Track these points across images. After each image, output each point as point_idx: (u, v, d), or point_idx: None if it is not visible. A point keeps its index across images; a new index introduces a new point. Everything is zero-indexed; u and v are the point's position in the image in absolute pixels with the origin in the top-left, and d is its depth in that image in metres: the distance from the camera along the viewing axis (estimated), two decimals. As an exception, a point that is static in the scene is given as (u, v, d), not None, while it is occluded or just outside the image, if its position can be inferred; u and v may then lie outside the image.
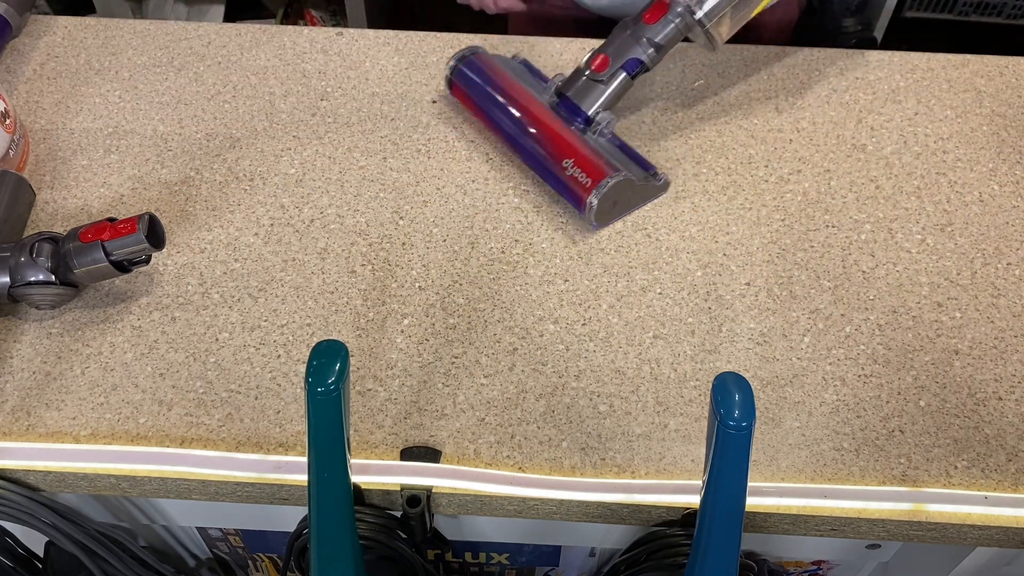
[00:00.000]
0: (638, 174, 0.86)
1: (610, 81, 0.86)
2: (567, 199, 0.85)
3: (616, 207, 0.84)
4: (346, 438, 0.57)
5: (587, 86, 0.86)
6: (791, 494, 0.69)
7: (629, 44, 0.85)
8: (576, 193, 0.82)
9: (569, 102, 0.87)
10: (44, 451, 0.70)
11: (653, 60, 0.86)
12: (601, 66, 0.86)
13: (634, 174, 0.85)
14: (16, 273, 0.74)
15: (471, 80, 0.91)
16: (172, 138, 0.92)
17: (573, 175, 0.82)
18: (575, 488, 0.69)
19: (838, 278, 0.82)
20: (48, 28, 1.02)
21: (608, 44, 0.87)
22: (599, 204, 0.81)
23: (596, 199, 0.81)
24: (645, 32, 0.85)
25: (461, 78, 0.92)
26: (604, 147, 0.87)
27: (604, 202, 0.81)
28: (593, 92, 0.86)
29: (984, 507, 0.68)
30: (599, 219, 0.83)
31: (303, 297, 0.79)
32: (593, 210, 0.81)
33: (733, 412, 0.52)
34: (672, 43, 0.85)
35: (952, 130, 0.94)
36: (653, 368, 0.76)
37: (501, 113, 0.89)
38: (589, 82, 0.86)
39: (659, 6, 0.84)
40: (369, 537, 0.70)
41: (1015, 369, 0.76)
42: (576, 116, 0.87)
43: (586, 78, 0.86)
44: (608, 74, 0.85)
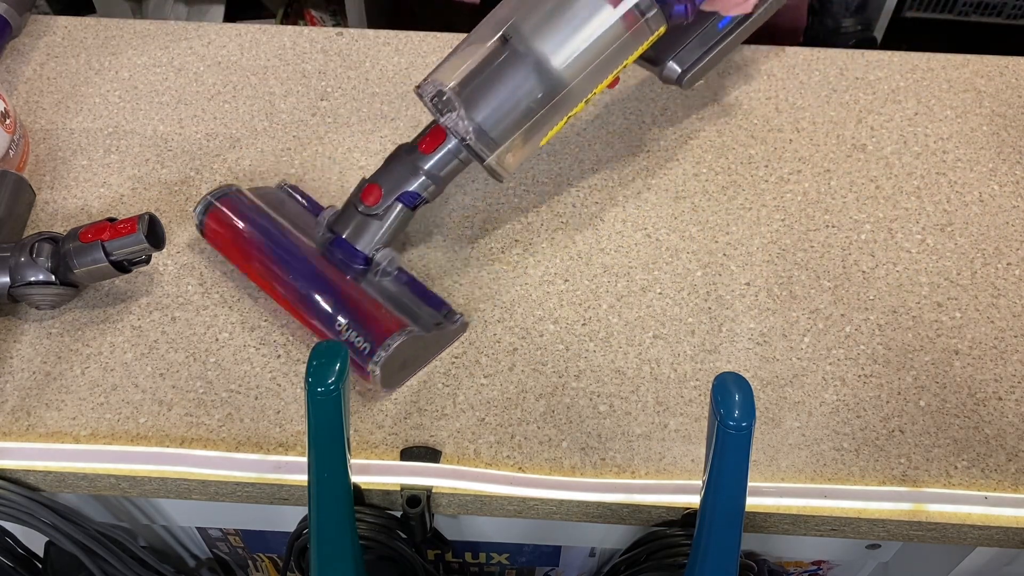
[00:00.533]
0: (429, 322, 0.74)
1: (386, 216, 0.73)
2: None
3: (408, 364, 0.73)
4: (346, 438, 0.57)
5: (362, 223, 0.74)
6: (791, 494, 0.69)
7: (404, 176, 0.73)
8: (355, 362, 0.70)
9: (343, 241, 0.74)
10: (44, 451, 0.70)
11: (433, 193, 0.74)
12: (371, 199, 0.73)
13: (425, 324, 0.73)
14: (16, 273, 0.74)
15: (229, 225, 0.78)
16: (172, 138, 0.92)
17: (348, 340, 0.70)
18: (575, 488, 0.69)
19: (838, 278, 0.82)
20: (48, 28, 1.02)
21: (380, 173, 0.74)
22: (382, 372, 0.69)
23: (378, 368, 0.69)
24: (421, 162, 0.72)
25: (217, 221, 0.78)
26: (388, 291, 0.75)
27: (388, 367, 0.70)
28: (366, 230, 0.74)
29: (984, 507, 0.68)
30: (386, 384, 0.72)
31: (303, 297, 0.79)
32: (378, 378, 0.69)
33: (733, 412, 0.52)
34: (453, 174, 0.74)
35: (952, 130, 0.94)
36: (653, 368, 0.76)
37: (262, 266, 0.76)
38: (363, 218, 0.73)
39: (436, 134, 0.72)
40: (369, 537, 0.70)
41: (1015, 369, 0.76)
42: (354, 258, 0.74)
43: (360, 214, 0.73)
44: (383, 208, 0.73)
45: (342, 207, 0.76)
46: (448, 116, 0.71)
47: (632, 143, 0.92)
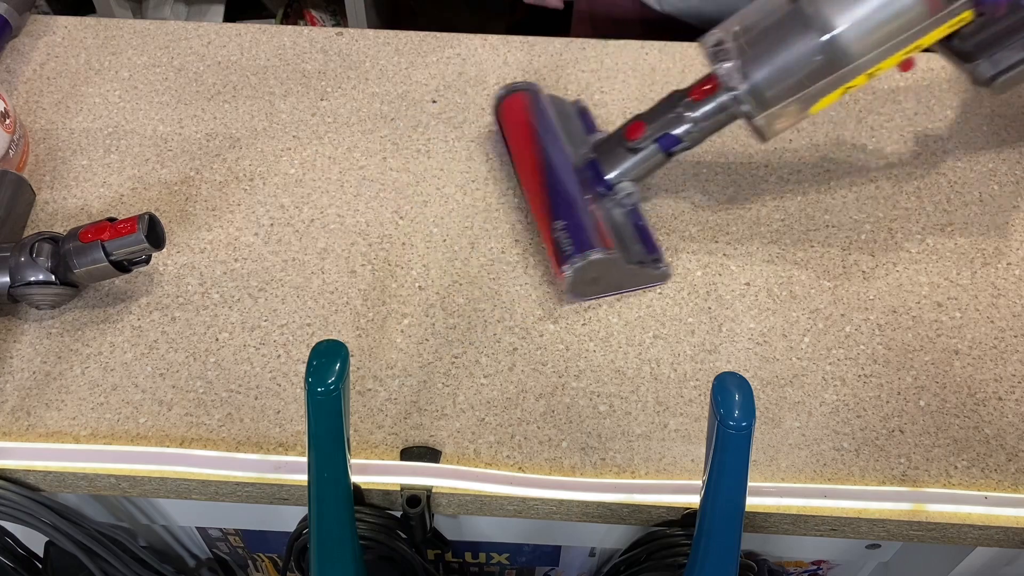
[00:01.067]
0: (635, 256, 0.79)
1: (641, 152, 0.78)
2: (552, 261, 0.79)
3: (599, 283, 0.78)
4: (346, 438, 0.57)
5: (616, 152, 0.80)
6: (791, 494, 0.69)
7: (669, 119, 0.77)
8: (555, 259, 0.76)
9: (596, 164, 0.81)
10: (44, 451, 0.70)
11: (693, 140, 0.77)
12: (633, 134, 0.78)
13: (630, 256, 0.78)
14: (16, 273, 0.74)
15: (509, 117, 0.87)
16: (172, 138, 0.92)
17: (558, 239, 0.76)
18: (575, 488, 0.69)
19: (838, 278, 0.82)
20: (48, 28, 1.02)
21: (649, 112, 0.79)
22: (574, 276, 0.75)
23: (571, 270, 0.74)
24: (688, 109, 0.76)
25: (503, 112, 0.88)
26: (615, 219, 0.80)
27: (580, 275, 0.75)
28: (618, 159, 0.79)
29: (984, 507, 0.68)
30: (573, 290, 0.77)
31: (303, 297, 0.79)
32: (568, 280, 0.75)
33: (733, 412, 0.52)
34: (717, 126, 0.77)
35: (952, 130, 0.94)
36: (653, 368, 0.76)
37: (521, 157, 0.84)
38: (619, 148, 0.79)
39: (708, 83, 0.75)
40: (369, 537, 0.70)
41: (1015, 369, 0.76)
42: (599, 181, 0.80)
43: (619, 145, 0.79)
44: (640, 144, 0.78)
45: (608, 135, 0.82)
46: (723, 66, 0.72)
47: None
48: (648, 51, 1.01)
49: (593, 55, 1.01)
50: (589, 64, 1.00)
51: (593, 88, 0.97)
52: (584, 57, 1.00)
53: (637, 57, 1.00)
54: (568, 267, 0.74)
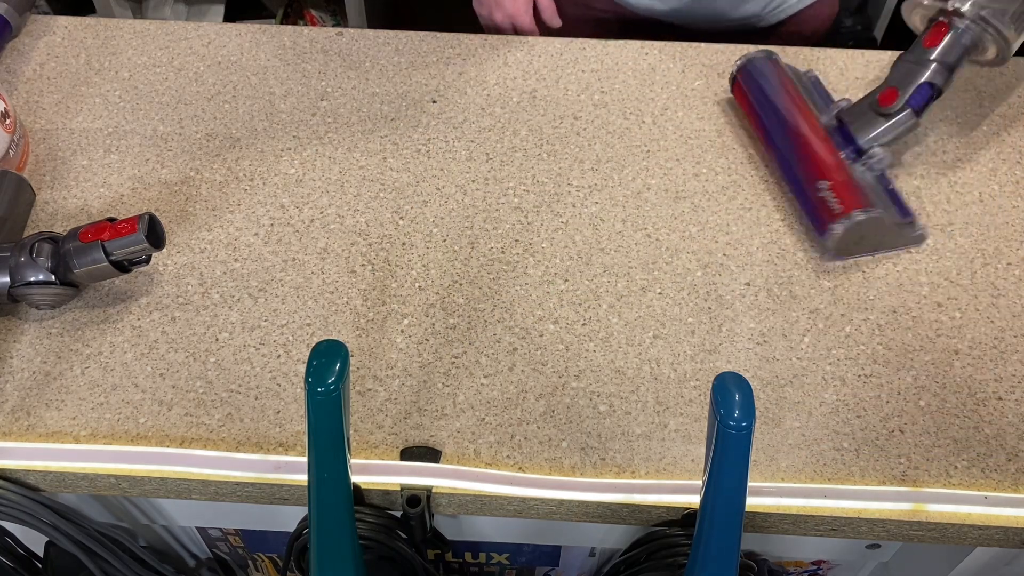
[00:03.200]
0: (893, 218, 0.83)
1: (893, 117, 0.83)
2: (811, 221, 0.83)
3: (861, 243, 0.81)
4: (346, 438, 0.57)
5: (867, 118, 0.84)
6: (791, 494, 0.69)
7: (915, 72, 0.83)
8: (822, 217, 0.81)
9: (846, 129, 0.85)
10: (44, 451, 0.70)
11: (945, 81, 0.83)
12: (887, 100, 0.83)
13: (888, 216, 0.82)
14: (16, 273, 0.74)
15: (755, 83, 0.91)
16: (172, 138, 0.92)
17: (824, 198, 0.80)
18: (575, 488, 0.69)
19: (838, 278, 0.82)
20: (48, 28, 1.02)
21: (893, 77, 0.84)
22: (843, 235, 0.79)
23: (841, 228, 0.79)
24: (929, 55, 0.82)
25: (746, 79, 0.92)
26: (868, 182, 0.83)
27: (849, 234, 0.79)
28: (871, 124, 0.84)
29: (984, 507, 0.68)
30: (839, 249, 0.81)
31: (303, 297, 0.79)
32: (835, 238, 0.79)
33: (733, 412, 0.52)
34: (960, 60, 0.83)
35: (952, 130, 0.94)
36: (653, 368, 0.76)
37: (774, 121, 0.88)
38: (871, 114, 0.84)
39: (938, 28, 0.82)
40: (369, 537, 0.70)
41: (1015, 369, 0.76)
42: (849, 144, 0.84)
43: (869, 109, 0.84)
44: (894, 109, 0.83)
45: (856, 102, 0.86)
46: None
47: (632, 143, 0.92)
48: (648, 51, 1.01)
49: (593, 55, 1.01)
50: (589, 64, 1.00)
51: (593, 88, 0.97)
52: (584, 57, 1.00)
53: (637, 57, 1.01)
54: (839, 225, 0.78)
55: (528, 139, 0.92)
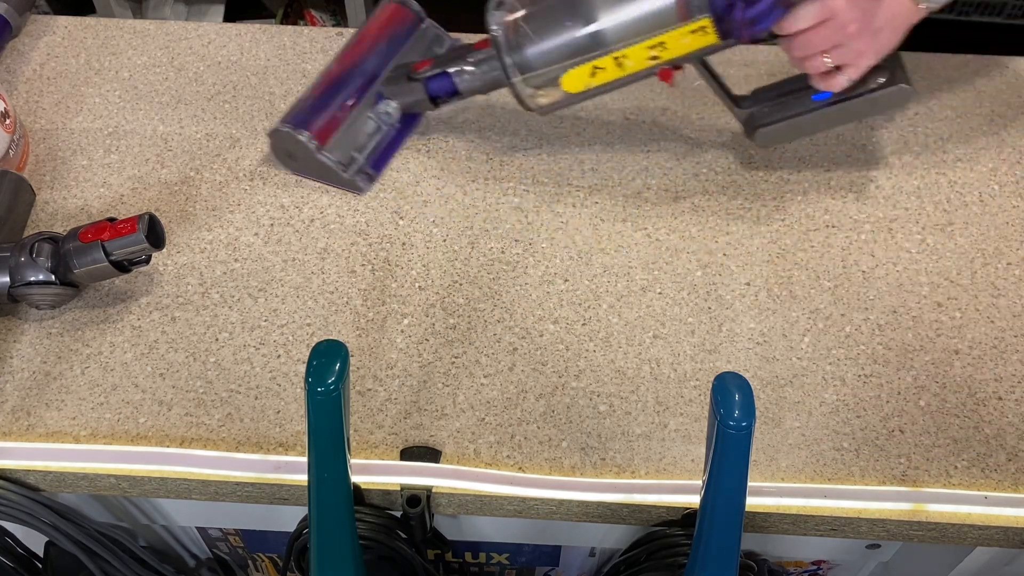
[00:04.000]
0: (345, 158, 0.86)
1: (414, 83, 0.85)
2: None
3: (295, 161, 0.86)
4: (346, 438, 0.57)
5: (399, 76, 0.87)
6: (791, 494, 0.69)
7: (452, 61, 0.83)
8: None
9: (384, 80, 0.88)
10: (44, 451, 0.70)
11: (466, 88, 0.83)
12: (419, 66, 0.85)
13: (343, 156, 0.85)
14: (16, 273, 0.74)
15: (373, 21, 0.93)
16: (172, 138, 0.92)
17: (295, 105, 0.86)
18: (575, 488, 0.69)
19: (838, 278, 0.82)
20: (48, 28, 1.02)
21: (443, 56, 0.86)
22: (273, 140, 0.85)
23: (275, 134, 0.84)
24: (470, 56, 0.82)
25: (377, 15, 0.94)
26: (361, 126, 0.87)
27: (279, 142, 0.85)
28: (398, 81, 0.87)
29: (984, 507, 0.68)
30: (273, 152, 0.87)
31: (303, 297, 0.79)
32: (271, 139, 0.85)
33: (733, 412, 0.52)
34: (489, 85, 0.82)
35: (952, 130, 0.94)
36: (653, 368, 0.76)
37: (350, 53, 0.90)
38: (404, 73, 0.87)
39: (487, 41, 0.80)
40: (369, 537, 0.70)
41: (1015, 369, 0.76)
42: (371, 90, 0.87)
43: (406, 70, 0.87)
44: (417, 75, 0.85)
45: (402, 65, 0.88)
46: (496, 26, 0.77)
47: (632, 143, 0.92)
48: (648, 51, 1.01)
49: (593, 55, 1.01)
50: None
51: (593, 88, 0.97)
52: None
53: (637, 57, 1.00)
54: (274, 129, 0.84)
55: (528, 139, 0.92)
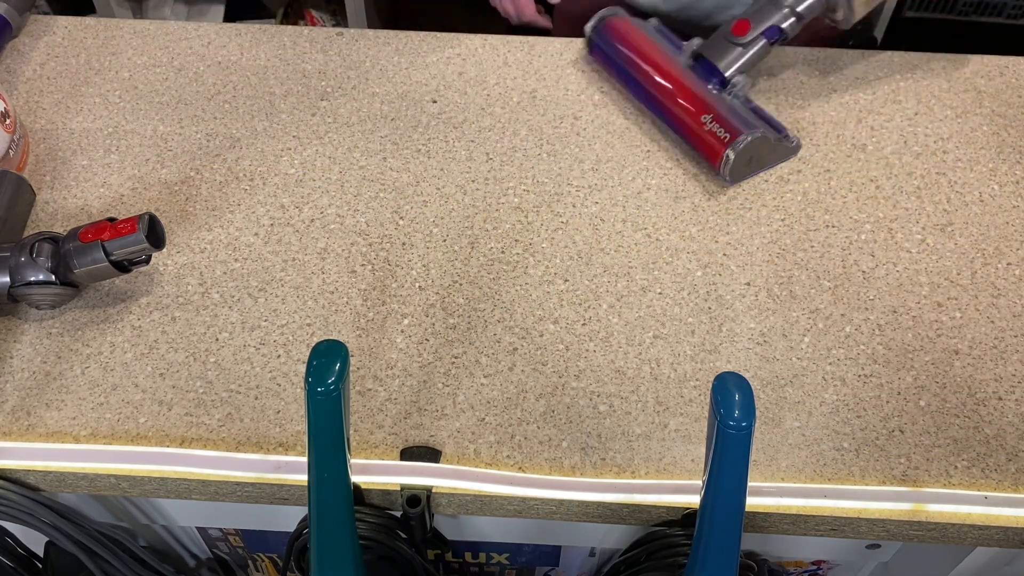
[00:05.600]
0: (771, 134, 0.88)
1: (750, 46, 0.89)
2: (702, 154, 0.88)
3: (751, 164, 0.87)
4: (346, 438, 0.57)
5: (726, 48, 0.90)
6: (791, 494, 0.69)
7: (770, 11, 0.89)
8: (713, 147, 0.86)
9: (707, 63, 0.90)
10: (44, 451, 0.70)
11: (793, 29, 0.89)
12: (741, 30, 0.89)
13: (769, 133, 0.88)
14: (16, 273, 0.74)
15: (609, 41, 0.96)
16: (172, 138, 0.92)
17: (711, 130, 0.86)
18: (575, 488, 0.69)
19: (838, 278, 0.82)
20: (48, 28, 1.02)
21: (750, 11, 0.90)
22: (736, 158, 0.84)
23: (733, 153, 0.84)
24: (787, 1, 0.88)
25: (601, 39, 0.97)
26: (738, 107, 0.89)
27: (741, 157, 0.85)
28: (731, 54, 0.89)
29: (984, 507, 0.68)
30: (734, 174, 0.86)
31: (303, 297, 0.79)
32: (729, 164, 0.85)
33: (733, 412, 0.52)
34: (812, 13, 0.89)
35: (952, 130, 0.94)
36: (653, 368, 0.76)
37: (640, 72, 0.93)
38: (728, 45, 0.90)
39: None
40: (369, 537, 0.70)
41: (1015, 369, 0.76)
42: (712, 76, 0.90)
43: (726, 41, 0.90)
44: (748, 39, 0.89)
45: (711, 36, 0.92)
46: None
47: (632, 143, 0.92)
48: (648, 51, 1.01)
49: (593, 55, 1.01)
50: (589, 64, 1.00)
51: (593, 88, 0.97)
52: (584, 57, 1.00)
53: (637, 57, 1.00)
54: (731, 150, 0.84)
55: (528, 139, 0.92)
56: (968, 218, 0.86)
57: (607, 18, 0.97)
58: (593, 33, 0.97)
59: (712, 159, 0.87)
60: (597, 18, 0.97)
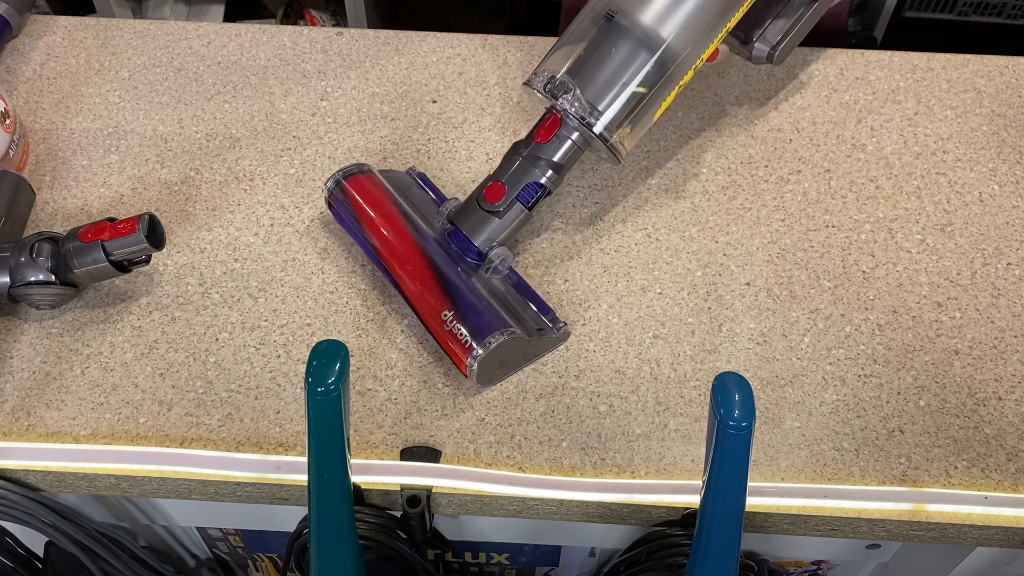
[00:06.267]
0: (532, 324, 0.75)
1: (506, 214, 0.74)
2: (449, 358, 0.74)
3: (504, 366, 0.73)
4: (346, 438, 0.57)
5: (482, 219, 0.75)
6: (791, 494, 0.69)
7: (525, 168, 0.74)
8: (456, 353, 0.71)
9: (461, 234, 0.75)
10: (44, 451, 0.70)
11: (554, 182, 0.75)
12: (494, 196, 0.74)
13: (527, 325, 0.74)
14: (16, 273, 0.74)
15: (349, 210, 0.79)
16: (172, 138, 0.92)
17: (452, 331, 0.71)
18: (575, 488, 0.69)
19: (838, 278, 0.82)
20: (48, 28, 1.02)
21: (501, 170, 0.76)
22: (479, 368, 0.70)
23: (476, 363, 0.69)
24: (540, 152, 0.74)
25: (339, 205, 0.80)
26: (496, 289, 0.76)
27: (486, 364, 0.70)
28: (487, 226, 0.75)
29: (984, 507, 0.68)
30: (482, 380, 0.72)
31: (303, 297, 0.79)
32: (474, 373, 0.70)
33: (733, 412, 0.52)
34: (572, 161, 0.75)
35: (952, 130, 0.94)
36: (653, 368, 0.76)
37: (379, 245, 0.77)
38: (484, 214, 0.75)
39: (552, 123, 0.74)
40: (369, 537, 0.70)
41: (1015, 369, 0.76)
42: (468, 251, 0.75)
43: (481, 210, 0.75)
44: (503, 205, 0.74)
45: (464, 201, 0.77)
46: (563, 99, 0.73)
47: (632, 143, 0.92)
48: (648, 51, 1.01)
49: (593, 55, 1.01)
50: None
51: (593, 88, 0.97)
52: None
53: (637, 57, 1.00)
54: (473, 361, 0.69)
55: (528, 139, 0.92)
56: (968, 218, 0.86)
57: (353, 174, 0.80)
58: (330, 196, 0.80)
59: (458, 364, 0.72)
60: (340, 172, 0.80)
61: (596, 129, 0.72)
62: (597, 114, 0.72)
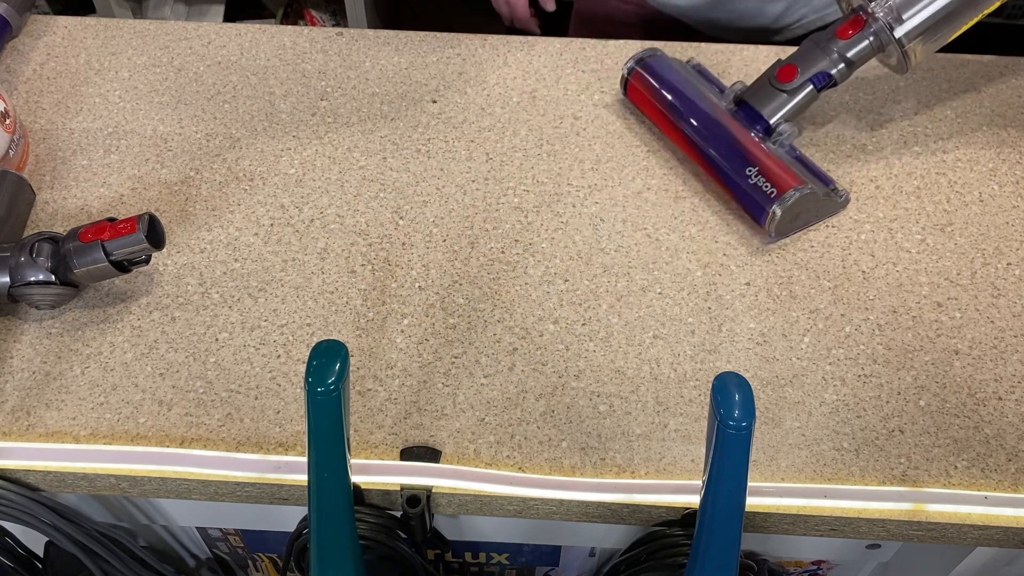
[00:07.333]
0: (820, 188, 0.83)
1: (795, 92, 0.84)
2: (745, 208, 0.84)
3: (797, 220, 0.83)
4: (346, 438, 0.57)
5: (771, 95, 0.85)
6: (791, 494, 0.69)
7: (819, 57, 0.84)
8: (757, 202, 0.81)
9: (750, 109, 0.86)
10: (44, 451, 0.70)
11: (843, 76, 0.84)
12: (787, 76, 0.84)
13: (816, 186, 0.83)
14: (16, 273, 0.74)
15: (648, 82, 0.91)
16: (172, 138, 0.92)
17: (756, 184, 0.81)
18: (575, 488, 0.69)
19: (838, 278, 0.82)
20: (48, 28, 1.02)
21: (797, 55, 0.85)
22: (782, 215, 0.80)
23: (780, 210, 0.79)
24: (837, 47, 0.83)
25: (639, 80, 0.92)
26: (784, 158, 0.85)
27: (787, 214, 0.80)
28: (776, 101, 0.85)
29: (984, 507, 0.68)
30: (778, 230, 0.82)
31: (303, 297, 0.80)
32: (775, 221, 0.80)
33: (733, 412, 0.52)
34: (863, 60, 0.84)
35: (952, 130, 0.94)
36: (653, 368, 0.76)
37: (681, 116, 0.88)
38: (773, 91, 0.85)
39: (855, 21, 0.83)
40: (369, 537, 0.70)
41: (1015, 369, 0.76)
42: (756, 124, 0.85)
43: (771, 87, 0.85)
44: (794, 85, 0.84)
45: (755, 81, 0.87)
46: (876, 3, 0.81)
47: (632, 143, 0.92)
48: (648, 51, 1.01)
49: (593, 55, 1.01)
50: (589, 64, 1.00)
51: (593, 88, 0.97)
52: (584, 57, 1.00)
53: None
54: (777, 207, 0.79)
55: (528, 139, 0.92)
56: (968, 218, 0.86)
57: (645, 59, 0.92)
58: (629, 73, 0.92)
59: (756, 214, 0.82)
60: (635, 59, 0.92)
61: (896, 34, 0.80)
62: (901, 21, 0.80)
